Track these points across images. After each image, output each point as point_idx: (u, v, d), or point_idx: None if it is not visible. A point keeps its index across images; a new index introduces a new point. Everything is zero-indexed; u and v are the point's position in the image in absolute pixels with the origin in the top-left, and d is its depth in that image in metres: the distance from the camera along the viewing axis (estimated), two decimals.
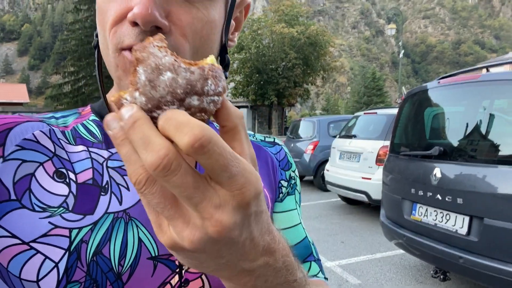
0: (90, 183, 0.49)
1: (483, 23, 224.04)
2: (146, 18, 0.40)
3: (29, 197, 0.45)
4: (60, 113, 0.57)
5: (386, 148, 5.05)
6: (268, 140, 0.70)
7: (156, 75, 0.29)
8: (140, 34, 0.42)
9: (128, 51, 0.43)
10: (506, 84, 2.87)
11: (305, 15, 31.04)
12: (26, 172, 0.46)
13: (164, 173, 0.27)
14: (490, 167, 2.77)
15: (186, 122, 0.27)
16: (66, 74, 28.71)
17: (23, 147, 0.47)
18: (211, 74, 0.30)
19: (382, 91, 54.51)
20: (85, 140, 0.52)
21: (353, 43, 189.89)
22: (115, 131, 0.29)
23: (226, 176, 0.28)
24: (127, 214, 0.48)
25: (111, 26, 0.44)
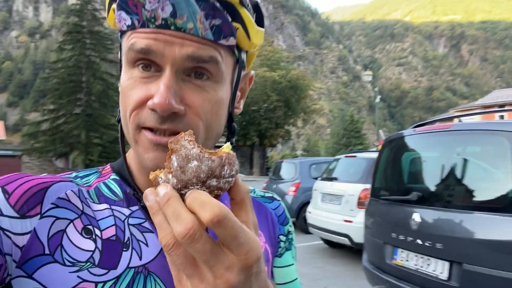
0: (113, 239, 0.53)
1: (453, 71, 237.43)
2: (164, 108, 0.48)
3: (61, 252, 0.49)
4: (82, 173, 0.62)
5: (367, 191, 5.15)
6: (267, 195, 0.75)
7: (186, 163, 0.38)
8: (159, 118, 0.50)
9: (149, 131, 0.51)
10: (477, 133, 3.06)
11: (286, 60, 32.23)
12: (58, 229, 0.50)
13: (189, 241, 0.35)
14: (466, 213, 2.87)
15: (207, 202, 0.36)
16: (45, 112, 28.37)
17: (57, 205, 0.52)
18: (227, 161, 0.39)
19: (360, 133, 55.86)
20: (108, 199, 0.57)
21: (332, 87, 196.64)
22: (151, 203, 0.38)
23: (235, 244, 0.36)
24: (146, 269, 0.53)
25: (133, 110, 0.52)
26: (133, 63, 0.53)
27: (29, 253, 0.48)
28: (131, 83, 0.53)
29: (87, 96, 28.56)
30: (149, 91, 0.51)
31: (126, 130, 0.55)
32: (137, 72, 0.52)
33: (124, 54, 0.54)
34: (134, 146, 0.54)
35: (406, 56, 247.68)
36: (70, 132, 27.81)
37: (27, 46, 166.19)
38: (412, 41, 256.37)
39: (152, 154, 0.52)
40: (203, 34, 0.51)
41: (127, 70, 0.54)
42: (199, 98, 0.52)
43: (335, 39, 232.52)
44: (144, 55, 0.51)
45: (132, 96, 0.52)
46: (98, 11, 30.16)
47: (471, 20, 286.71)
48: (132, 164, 0.61)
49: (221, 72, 0.54)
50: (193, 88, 0.52)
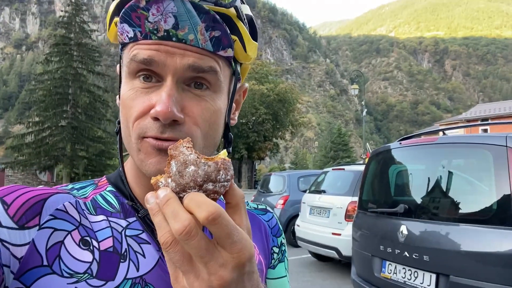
0: (111, 250, 0.54)
1: (438, 85, 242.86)
2: (167, 115, 0.50)
3: (59, 263, 0.49)
4: (78, 184, 0.62)
5: (355, 204, 5.17)
6: (260, 207, 0.76)
7: (184, 168, 0.40)
8: (160, 127, 0.52)
9: (151, 138, 0.53)
10: (461, 146, 3.12)
11: (274, 73, 32.54)
12: (57, 240, 0.51)
13: (186, 237, 0.37)
14: (452, 225, 2.91)
15: (203, 202, 0.38)
16: (30, 124, 27.89)
17: (55, 217, 0.52)
18: (222, 166, 0.41)
19: (348, 146, 56.39)
20: (105, 210, 0.58)
21: (319, 100, 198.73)
22: (152, 205, 0.40)
23: (229, 242, 0.38)
24: (143, 280, 0.54)
25: (135, 120, 0.54)
26: (134, 74, 0.54)
27: (27, 264, 0.48)
28: (132, 94, 0.54)
29: (73, 109, 28.25)
30: (150, 101, 0.53)
31: (128, 140, 0.56)
32: (138, 83, 0.54)
33: (125, 65, 0.56)
34: (136, 154, 0.55)
35: (392, 71, 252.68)
36: (55, 144, 27.37)
37: (13, 58, 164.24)
38: (397, 56, 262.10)
39: (155, 158, 0.53)
40: (203, 45, 0.52)
41: (128, 82, 0.55)
42: (198, 107, 0.54)
43: (322, 54, 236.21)
44: (146, 65, 0.53)
45: (134, 106, 0.54)
46: (86, 24, 30.10)
47: (454, 36, 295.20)
48: (129, 176, 0.62)
49: (219, 82, 0.56)
50: (192, 98, 0.54)
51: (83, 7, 30.95)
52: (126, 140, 0.58)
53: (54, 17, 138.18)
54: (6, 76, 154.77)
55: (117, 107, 0.61)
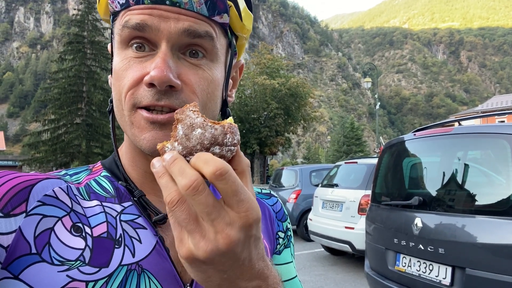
0: (104, 236, 0.51)
1: (453, 77, 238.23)
2: (162, 79, 0.48)
3: (49, 251, 0.47)
4: (72, 170, 0.60)
5: (368, 197, 5.12)
6: (264, 192, 0.74)
7: (190, 131, 0.40)
8: (156, 94, 0.50)
9: (145, 110, 0.51)
10: (477, 137, 3.04)
11: (285, 68, 32.37)
12: (46, 227, 0.48)
13: (193, 192, 0.36)
14: (468, 217, 2.85)
15: (211, 158, 0.37)
16: (46, 122, 28.45)
17: (44, 203, 0.49)
18: (229, 130, 0.41)
19: (361, 141, 55.91)
20: (99, 195, 0.55)
21: (332, 94, 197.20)
22: (158, 168, 0.39)
23: (236, 200, 0.37)
24: (140, 266, 0.51)
25: (128, 89, 0.52)
26: (126, 43, 0.52)
27: (14, 253, 0.45)
28: (125, 64, 0.52)
29: (87, 106, 28.68)
30: (144, 69, 0.51)
31: (121, 115, 0.54)
32: (131, 52, 0.52)
33: (117, 34, 0.53)
34: (129, 128, 0.53)
35: (405, 63, 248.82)
36: (71, 142, 27.87)
37: (28, 57, 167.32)
38: (411, 48, 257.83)
39: (149, 133, 0.51)
40: (198, 9, 0.51)
41: (120, 52, 0.53)
42: (195, 75, 0.53)
43: (334, 47, 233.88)
44: (139, 31, 0.50)
45: (128, 76, 0.52)
46: (98, 21, 30.42)
47: (469, 26, 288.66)
48: (124, 159, 0.60)
49: (216, 49, 0.54)
50: (188, 66, 0.53)
51: (96, 5, 31.24)
52: (119, 116, 0.55)
53: (67, 16, 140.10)
54: (22, 75, 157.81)
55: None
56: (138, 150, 0.58)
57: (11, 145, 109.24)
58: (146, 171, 0.58)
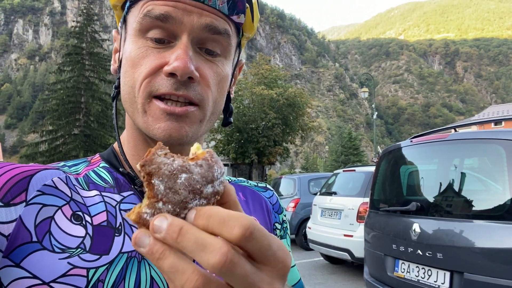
0: (104, 224, 0.52)
1: (449, 88, 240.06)
2: (185, 70, 0.50)
3: (49, 239, 0.47)
4: (70, 162, 0.61)
5: (366, 205, 5.14)
6: (261, 185, 0.77)
7: (173, 181, 0.31)
8: (174, 84, 0.51)
9: (160, 101, 0.52)
10: (473, 142, 3.09)
11: (283, 78, 32.55)
12: (46, 216, 0.49)
13: (230, 268, 0.28)
14: (465, 222, 2.87)
15: (228, 216, 0.29)
16: (43, 133, 28.39)
17: (43, 192, 0.50)
18: (214, 160, 0.33)
19: (358, 150, 55.97)
20: (98, 185, 0.56)
21: (329, 104, 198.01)
22: (151, 245, 0.29)
23: (271, 254, 0.30)
24: (140, 254, 0.53)
25: (146, 77, 0.52)
26: (145, 31, 0.53)
27: (15, 241, 0.46)
28: (142, 52, 0.53)
29: (85, 117, 28.68)
30: (163, 59, 0.51)
31: (132, 102, 0.55)
32: (149, 42, 0.53)
33: (136, 22, 0.53)
34: (141, 116, 0.54)
35: (402, 74, 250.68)
36: (69, 153, 27.77)
37: (26, 69, 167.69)
38: (407, 59, 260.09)
39: (164, 123, 0.52)
40: (220, 7, 0.53)
41: (137, 40, 0.53)
42: (210, 70, 0.54)
43: (331, 58, 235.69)
44: (161, 21, 0.51)
45: (145, 63, 0.52)
46: (97, 33, 30.63)
47: (464, 37, 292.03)
48: (126, 148, 0.61)
49: (230, 47, 0.56)
50: (205, 60, 0.54)
51: (94, 17, 31.48)
52: (128, 103, 0.55)
53: (66, 28, 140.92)
54: (20, 86, 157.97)
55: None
56: (142, 138, 0.58)
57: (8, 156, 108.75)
58: None
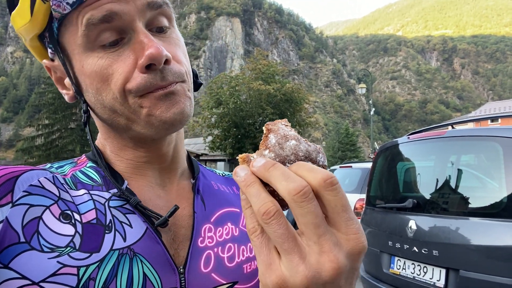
0: (94, 222, 0.51)
1: (446, 84, 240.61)
2: (161, 55, 0.49)
3: (38, 239, 0.47)
4: (56, 164, 0.60)
5: (363, 202, 5.14)
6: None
7: (284, 141, 0.37)
8: (155, 77, 0.51)
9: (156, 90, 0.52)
10: (470, 139, 3.08)
11: (280, 73, 32.49)
12: (34, 216, 0.48)
13: (303, 198, 0.31)
14: (461, 219, 2.87)
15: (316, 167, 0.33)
16: (40, 127, 28.29)
17: (30, 193, 0.49)
18: (321, 150, 0.39)
19: (355, 146, 56.11)
20: (85, 185, 0.56)
21: (327, 100, 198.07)
22: (245, 176, 0.35)
23: (345, 218, 0.31)
24: (132, 250, 0.51)
25: (124, 83, 0.51)
26: (94, 40, 0.50)
27: (3, 243, 0.45)
28: (105, 61, 0.51)
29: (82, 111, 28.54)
30: (130, 58, 0.51)
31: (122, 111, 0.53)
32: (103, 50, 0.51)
33: (79, 37, 0.51)
34: (139, 115, 0.53)
35: (399, 70, 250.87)
36: (65, 147, 27.69)
37: (22, 62, 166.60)
38: (405, 55, 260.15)
39: (164, 105, 0.52)
40: None
41: (90, 53, 0.51)
42: (172, 46, 0.54)
43: (329, 54, 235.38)
44: (107, 23, 0.49)
45: (116, 70, 0.51)
46: None
47: (462, 34, 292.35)
48: (108, 151, 0.60)
49: (173, 14, 0.57)
50: (167, 41, 0.54)
51: None
52: (115, 115, 0.54)
53: None
54: (16, 80, 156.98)
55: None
56: (130, 144, 0.58)
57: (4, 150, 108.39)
58: (136, 161, 0.59)
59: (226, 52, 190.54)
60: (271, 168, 0.33)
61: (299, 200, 0.30)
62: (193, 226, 0.59)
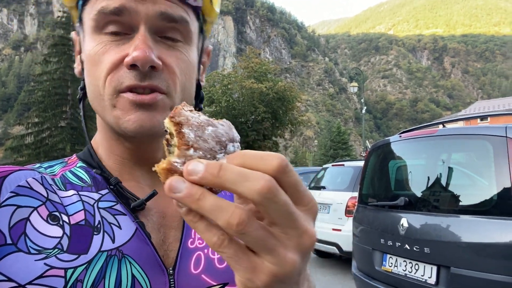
0: (82, 224, 0.50)
1: (437, 83, 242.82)
2: (145, 59, 0.49)
3: (25, 240, 0.46)
4: (46, 164, 0.59)
5: (355, 200, 5.17)
6: None
7: (202, 131, 0.32)
8: (138, 75, 0.50)
9: (129, 92, 0.51)
10: (460, 138, 3.11)
11: (273, 72, 32.49)
12: (21, 217, 0.47)
13: (274, 194, 0.28)
14: (452, 217, 2.90)
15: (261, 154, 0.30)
16: (29, 125, 27.89)
17: (17, 194, 0.48)
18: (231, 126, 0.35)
19: (347, 145, 56.42)
20: (75, 185, 0.55)
21: (319, 99, 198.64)
22: (188, 190, 0.29)
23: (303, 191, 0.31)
24: (120, 252, 0.50)
25: (108, 73, 0.52)
26: (101, 28, 0.52)
27: None
28: (101, 48, 0.52)
29: (72, 109, 28.22)
30: (123, 52, 0.51)
31: (99, 100, 0.54)
32: (105, 37, 0.52)
33: (90, 19, 0.53)
34: (110, 112, 0.53)
35: (391, 69, 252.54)
36: (55, 145, 27.36)
37: (11, 59, 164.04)
38: (396, 54, 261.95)
39: (134, 114, 0.51)
40: None
41: (95, 37, 0.53)
42: (173, 57, 0.54)
43: (321, 52, 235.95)
44: (117, 15, 0.50)
45: (106, 59, 0.51)
46: None
47: (453, 33, 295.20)
48: (100, 149, 0.60)
49: (191, 33, 0.55)
50: (166, 48, 0.53)
51: None
52: (96, 102, 0.55)
53: (52, 18, 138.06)
54: (4, 77, 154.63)
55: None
56: (115, 137, 0.58)
57: None
58: (124, 158, 0.59)
59: (219, 50, 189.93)
60: (221, 172, 0.29)
61: (271, 196, 0.29)
62: (183, 227, 0.59)
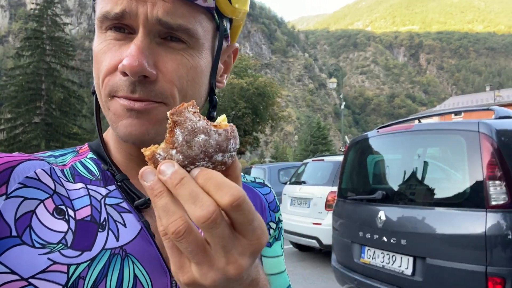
0: (88, 219, 0.50)
1: (413, 79, 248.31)
2: (134, 69, 0.46)
3: (30, 233, 0.46)
4: (58, 152, 0.59)
5: (334, 194, 5.25)
6: (258, 181, 0.73)
7: (192, 137, 0.34)
8: (130, 85, 0.48)
9: (122, 98, 0.49)
10: (435, 133, 3.20)
11: (253, 67, 32.47)
12: (27, 209, 0.47)
13: (211, 225, 0.32)
14: (427, 209, 2.99)
15: (224, 183, 0.33)
16: (1, 121, 26.97)
17: (25, 185, 0.48)
18: (232, 135, 0.36)
19: (327, 140, 57.03)
20: (84, 178, 0.54)
21: (299, 94, 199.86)
22: (152, 183, 0.34)
23: (251, 229, 0.34)
24: (124, 251, 0.50)
25: (105, 75, 0.50)
26: (106, 28, 0.51)
27: None
28: (104, 47, 0.51)
29: (47, 105, 27.43)
30: (122, 55, 0.49)
31: (100, 97, 0.53)
32: (110, 33, 0.51)
33: (96, 19, 0.52)
34: (107, 114, 0.52)
35: (369, 65, 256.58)
36: (29, 142, 26.55)
37: None
38: (374, 50, 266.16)
39: (125, 120, 0.50)
40: None
41: (99, 35, 0.52)
42: (173, 62, 0.50)
43: (301, 48, 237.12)
44: (119, 21, 0.49)
45: (105, 60, 0.50)
46: (58, 17, 29.20)
47: (428, 30, 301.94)
48: (110, 142, 0.59)
49: (195, 39, 0.51)
50: (168, 52, 0.50)
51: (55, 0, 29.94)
52: (99, 97, 0.54)
53: (24, 10, 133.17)
54: None
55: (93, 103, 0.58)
56: None
57: None
58: (132, 154, 0.57)
59: None
60: (178, 186, 0.33)
61: (207, 227, 0.32)
62: None
